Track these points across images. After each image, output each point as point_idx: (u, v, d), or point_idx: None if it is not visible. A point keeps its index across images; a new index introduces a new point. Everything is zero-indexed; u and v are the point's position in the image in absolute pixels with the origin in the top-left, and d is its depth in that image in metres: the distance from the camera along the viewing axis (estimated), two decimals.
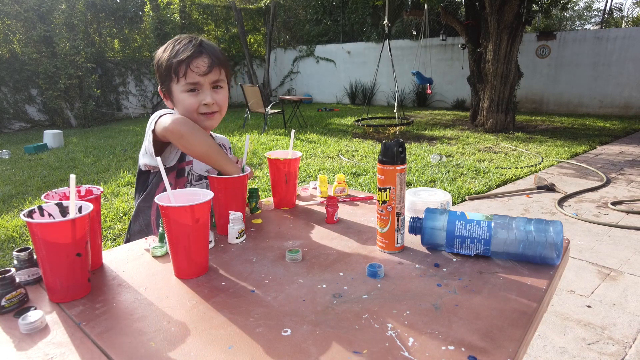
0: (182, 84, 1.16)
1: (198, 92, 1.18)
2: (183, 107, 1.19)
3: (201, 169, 1.34)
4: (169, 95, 1.22)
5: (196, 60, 1.15)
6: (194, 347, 0.65)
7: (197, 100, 1.18)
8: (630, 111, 9.60)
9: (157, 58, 1.21)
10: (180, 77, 1.15)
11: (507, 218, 0.92)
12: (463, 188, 4.32)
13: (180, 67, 1.14)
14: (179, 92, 1.18)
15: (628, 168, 5.14)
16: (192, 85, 1.16)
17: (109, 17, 11.13)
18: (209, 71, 1.17)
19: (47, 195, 0.90)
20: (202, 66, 1.16)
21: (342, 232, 1.12)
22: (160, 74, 1.20)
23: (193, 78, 1.16)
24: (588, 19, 22.65)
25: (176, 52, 1.15)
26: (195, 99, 1.18)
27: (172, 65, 1.15)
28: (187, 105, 1.18)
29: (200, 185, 1.36)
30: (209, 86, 1.19)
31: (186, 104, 1.18)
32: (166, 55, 1.17)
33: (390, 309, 0.75)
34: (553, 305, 2.27)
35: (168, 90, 1.21)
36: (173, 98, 1.21)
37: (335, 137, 7.44)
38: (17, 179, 5.00)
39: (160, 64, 1.19)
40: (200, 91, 1.18)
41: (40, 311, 0.72)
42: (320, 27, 15.43)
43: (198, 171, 1.34)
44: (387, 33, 7.58)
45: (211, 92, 1.20)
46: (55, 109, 10.03)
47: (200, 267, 0.89)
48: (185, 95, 1.17)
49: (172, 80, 1.17)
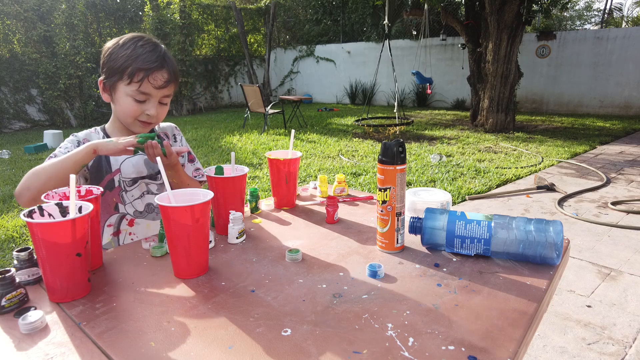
0: (133, 88, 1.14)
1: (145, 102, 1.17)
2: (123, 109, 1.18)
3: (131, 173, 1.28)
4: (110, 90, 1.18)
5: (156, 73, 1.14)
6: (194, 347, 0.65)
7: (141, 109, 1.17)
8: (630, 111, 9.60)
9: (111, 50, 1.15)
10: (134, 82, 1.13)
11: (507, 218, 0.92)
12: (463, 188, 4.31)
13: (138, 74, 1.12)
14: (125, 94, 1.16)
15: (628, 168, 5.14)
16: (142, 94, 1.15)
17: (109, 17, 11.13)
18: (164, 86, 1.17)
19: (47, 195, 0.90)
20: (159, 80, 1.15)
21: (342, 232, 1.12)
22: (110, 68, 1.15)
23: (147, 88, 1.15)
24: (588, 19, 22.65)
25: (137, 56, 1.12)
26: (140, 107, 1.17)
27: (128, 67, 1.12)
28: (129, 110, 1.17)
29: (137, 188, 1.30)
30: (157, 99, 1.19)
31: (129, 109, 1.17)
32: (125, 53, 1.13)
33: (390, 309, 0.75)
34: (553, 305, 2.27)
35: (112, 86, 1.17)
36: (115, 94, 1.18)
37: (335, 137, 7.44)
38: (17, 179, 5.00)
39: (113, 58, 1.14)
40: (147, 101, 1.17)
41: (40, 311, 0.72)
42: (320, 27, 15.43)
43: (129, 175, 1.28)
44: (387, 33, 7.58)
45: (157, 106, 1.19)
46: (55, 109, 10.03)
47: (200, 267, 0.89)
48: (130, 100, 1.16)
49: (121, 80, 1.14)
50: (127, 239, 1.30)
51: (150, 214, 1.32)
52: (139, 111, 1.18)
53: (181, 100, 12.01)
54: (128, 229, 1.30)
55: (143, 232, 1.32)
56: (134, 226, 1.30)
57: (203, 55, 13.27)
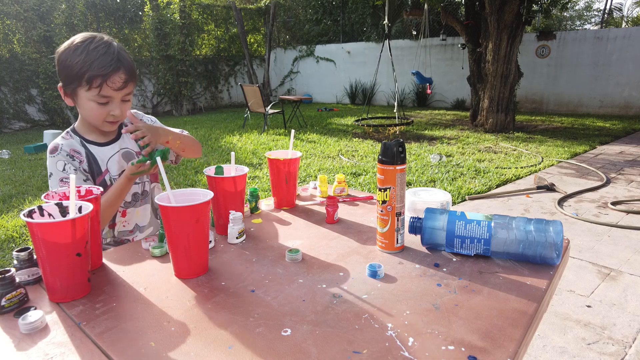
0: (93, 93, 1.15)
1: (108, 104, 1.19)
2: (89, 113, 1.20)
3: (118, 169, 1.34)
4: (71, 96, 1.20)
5: (113, 76, 1.15)
6: (194, 347, 0.65)
7: (106, 111, 1.20)
8: (630, 111, 9.60)
9: (65, 57, 1.14)
10: (94, 88, 1.14)
11: (507, 218, 0.92)
12: (463, 188, 4.31)
13: (95, 80, 1.13)
14: (87, 100, 1.17)
15: (628, 168, 5.14)
16: (104, 98, 1.17)
17: (109, 17, 11.13)
18: (123, 87, 1.18)
19: (47, 195, 0.90)
20: (118, 82, 1.16)
21: (342, 232, 1.12)
22: (67, 75, 1.15)
23: (107, 92, 1.16)
24: (588, 19, 22.64)
25: (92, 61, 1.12)
26: (104, 109, 1.19)
27: (84, 74, 1.12)
28: (95, 115, 1.20)
29: None
30: (119, 99, 1.20)
31: (94, 113, 1.19)
32: (79, 59, 1.12)
33: (390, 309, 0.75)
34: (553, 305, 2.27)
35: (73, 92, 1.18)
36: (77, 100, 1.19)
37: (335, 137, 7.44)
38: (17, 179, 5.00)
39: (67, 65, 1.13)
40: (110, 103, 1.19)
41: (40, 311, 0.72)
42: (320, 27, 15.42)
43: (116, 172, 1.33)
44: (387, 33, 7.57)
45: (120, 105, 1.21)
46: (55, 109, 10.03)
47: (200, 267, 0.89)
48: (93, 105, 1.18)
49: (80, 86, 1.15)
50: (121, 227, 1.39)
51: (137, 202, 1.41)
52: (104, 113, 1.20)
53: (181, 100, 12.00)
54: (122, 220, 1.38)
55: (133, 219, 1.41)
56: (126, 216, 1.39)
57: (203, 55, 13.27)
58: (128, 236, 1.40)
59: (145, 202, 1.43)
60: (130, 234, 1.40)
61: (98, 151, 1.29)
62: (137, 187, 1.40)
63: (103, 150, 1.30)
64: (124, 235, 1.39)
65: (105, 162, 1.30)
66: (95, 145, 1.30)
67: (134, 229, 1.41)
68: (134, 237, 1.41)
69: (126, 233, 1.39)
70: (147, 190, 1.43)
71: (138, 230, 1.42)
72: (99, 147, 1.30)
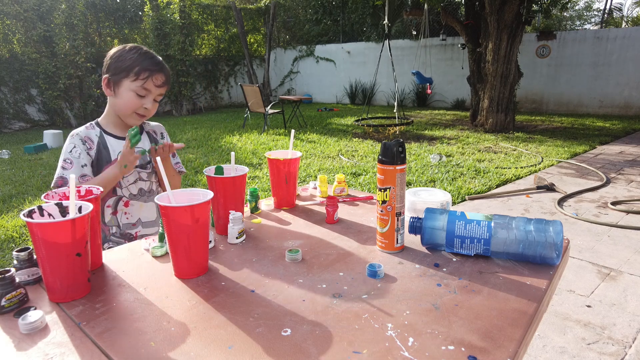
0: (137, 84, 1.35)
1: (144, 97, 1.38)
2: (125, 102, 1.37)
3: None
4: (113, 86, 1.37)
5: (158, 74, 1.38)
6: (194, 347, 0.65)
7: (141, 103, 1.38)
8: (630, 111, 9.60)
9: (119, 53, 1.36)
10: (140, 79, 1.34)
11: (507, 218, 0.92)
12: (463, 188, 4.32)
13: (144, 73, 1.34)
14: (128, 89, 1.36)
15: (628, 168, 5.14)
16: (144, 90, 1.36)
17: (109, 17, 11.13)
18: (162, 86, 1.40)
19: (47, 195, 0.90)
20: (159, 80, 1.39)
21: (342, 232, 1.12)
22: (117, 67, 1.35)
23: (149, 85, 1.37)
24: (588, 19, 22.63)
25: (143, 59, 1.35)
26: (140, 101, 1.38)
27: (135, 67, 1.33)
28: (130, 103, 1.37)
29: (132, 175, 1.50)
30: (154, 96, 1.40)
31: (131, 102, 1.37)
32: (132, 56, 1.34)
33: (390, 309, 0.75)
34: (553, 305, 2.27)
35: (117, 82, 1.36)
36: (118, 89, 1.37)
37: (335, 137, 7.44)
38: (17, 179, 5.00)
39: (121, 59, 1.35)
40: (146, 97, 1.38)
41: (40, 311, 0.72)
42: (320, 27, 15.42)
43: None
44: (387, 33, 7.57)
45: (152, 102, 1.40)
46: (55, 109, 10.02)
47: (200, 267, 0.89)
48: (132, 95, 1.36)
49: (127, 77, 1.34)
50: (123, 218, 1.49)
51: (142, 196, 1.52)
52: (138, 104, 1.38)
53: (181, 100, 12.00)
54: (124, 209, 1.49)
55: (137, 212, 1.51)
56: (129, 207, 1.49)
57: (203, 55, 13.27)
58: (131, 229, 1.50)
59: (151, 200, 1.55)
60: (133, 227, 1.50)
61: (113, 142, 1.44)
62: (144, 184, 1.52)
63: (118, 142, 1.45)
64: (128, 228, 1.49)
65: (117, 152, 1.43)
66: (113, 137, 1.45)
67: (136, 223, 1.51)
68: (137, 231, 1.52)
69: (129, 226, 1.49)
70: (153, 190, 1.55)
71: (141, 224, 1.52)
72: (116, 139, 1.45)
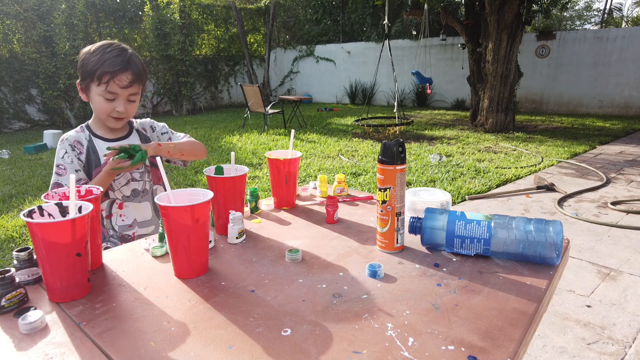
0: (101, 88, 1.31)
1: (114, 100, 1.34)
2: (97, 107, 1.35)
3: None
4: (85, 91, 1.36)
5: (120, 75, 1.30)
6: (194, 347, 0.65)
7: (111, 107, 1.34)
8: (630, 111, 9.60)
9: (84, 57, 1.32)
10: (102, 84, 1.30)
11: (507, 218, 0.92)
12: (463, 188, 4.31)
13: (104, 76, 1.29)
14: (97, 94, 1.33)
15: (628, 168, 5.14)
16: (110, 93, 1.32)
17: (109, 17, 11.12)
18: (129, 86, 1.33)
19: (47, 195, 0.90)
20: (124, 81, 1.31)
21: (342, 232, 1.12)
22: (84, 72, 1.32)
23: (113, 88, 1.31)
24: (588, 19, 22.62)
25: (104, 61, 1.28)
26: (110, 105, 1.34)
27: (97, 71, 1.28)
28: (102, 108, 1.34)
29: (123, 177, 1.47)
30: (124, 97, 1.35)
31: (101, 106, 1.34)
32: (94, 58, 1.29)
33: (390, 309, 0.75)
34: (553, 305, 2.27)
35: (86, 87, 1.34)
36: (89, 95, 1.35)
37: (335, 137, 7.44)
38: (17, 179, 5.00)
39: (85, 63, 1.31)
40: (116, 100, 1.34)
41: (40, 311, 0.72)
42: (320, 27, 15.42)
43: None
44: (387, 33, 7.57)
45: (125, 103, 1.35)
46: (55, 109, 10.03)
47: (200, 267, 0.89)
48: (101, 99, 1.33)
49: (92, 82, 1.31)
50: (119, 220, 1.47)
51: (136, 197, 1.49)
52: (109, 108, 1.34)
53: (181, 100, 12.00)
54: (119, 212, 1.47)
55: (132, 214, 1.49)
56: (123, 209, 1.47)
57: (203, 55, 13.26)
58: (128, 231, 1.49)
59: (146, 200, 1.52)
60: (129, 229, 1.48)
61: (102, 145, 1.41)
62: (138, 184, 1.49)
63: (106, 145, 1.41)
64: (125, 230, 1.47)
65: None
66: (102, 139, 1.42)
67: (132, 224, 1.49)
68: (134, 232, 1.50)
69: (126, 228, 1.47)
70: (147, 189, 1.52)
71: (137, 225, 1.50)
72: (105, 142, 1.42)
